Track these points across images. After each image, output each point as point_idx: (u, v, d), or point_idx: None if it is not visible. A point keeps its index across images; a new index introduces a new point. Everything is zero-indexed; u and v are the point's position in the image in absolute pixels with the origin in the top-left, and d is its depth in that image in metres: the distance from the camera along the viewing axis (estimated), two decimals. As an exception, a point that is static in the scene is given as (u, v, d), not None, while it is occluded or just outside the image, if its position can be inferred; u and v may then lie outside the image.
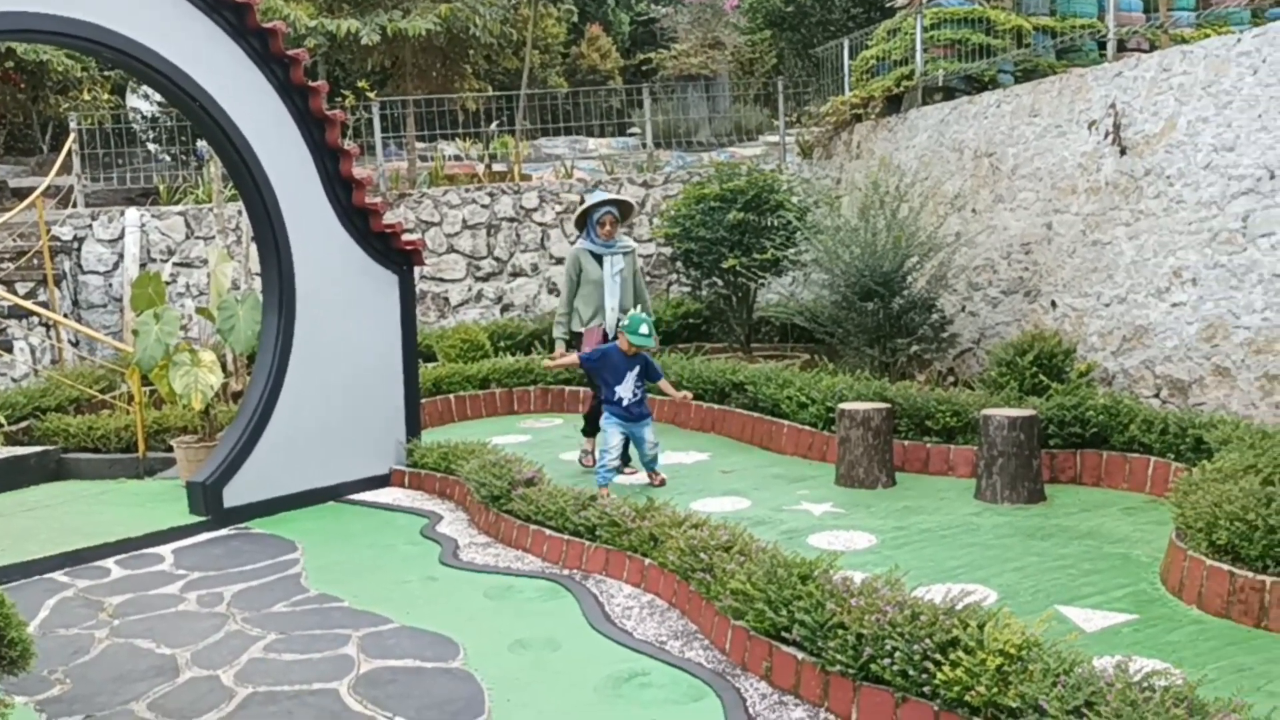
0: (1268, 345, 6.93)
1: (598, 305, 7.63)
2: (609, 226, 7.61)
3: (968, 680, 3.51)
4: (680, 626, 4.86)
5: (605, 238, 7.62)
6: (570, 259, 7.74)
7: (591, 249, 7.65)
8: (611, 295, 7.61)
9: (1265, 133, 6.92)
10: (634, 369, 7.05)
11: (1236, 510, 4.57)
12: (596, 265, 7.62)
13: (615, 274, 7.61)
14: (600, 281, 7.59)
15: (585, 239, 7.74)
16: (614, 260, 7.63)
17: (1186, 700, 3.09)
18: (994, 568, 5.34)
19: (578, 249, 7.74)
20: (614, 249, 7.66)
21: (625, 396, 7.00)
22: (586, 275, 7.63)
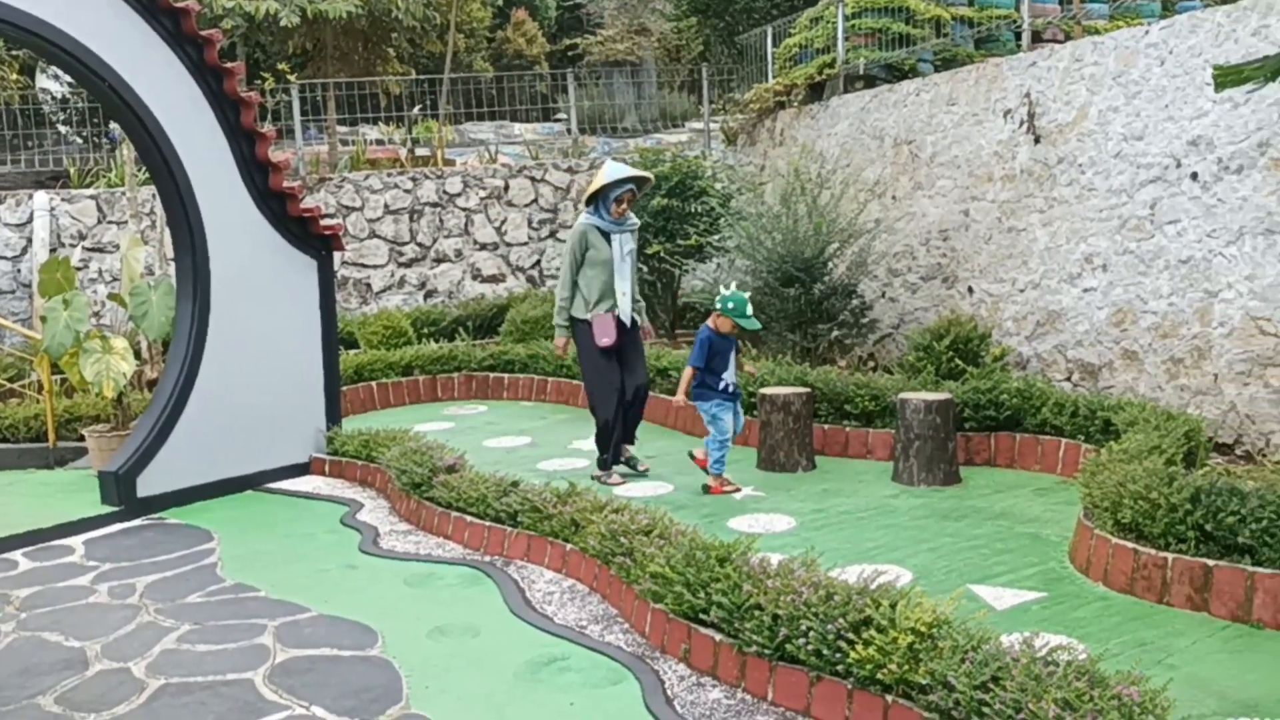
0: (1173, 330, 7.13)
1: (606, 289, 6.89)
2: (625, 204, 6.91)
3: (880, 658, 3.57)
4: (601, 611, 4.88)
5: (619, 216, 6.90)
6: (576, 236, 6.94)
7: (600, 225, 6.90)
8: (623, 277, 6.90)
9: (1172, 122, 7.11)
10: (732, 349, 6.66)
11: (1140, 490, 4.71)
12: (606, 244, 6.88)
13: (625, 254, 6.92)
14: (609, 262, 6.87)
15: (593, 214, 6.95)
16: (624, 239, 6.94)
17: (1088, 673, 3.18)
18: (909, 548, 5.44)
19: (584, 225, 6.94)
20: (624, 227, 6.97)
21: (731, 380, 6.60)
22: (594, 255, 6.88)
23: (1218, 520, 4.45)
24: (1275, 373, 6.41)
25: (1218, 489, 4.53)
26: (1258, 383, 6.55)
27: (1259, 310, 6.49)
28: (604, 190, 6.88)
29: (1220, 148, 6.76)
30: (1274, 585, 4.27)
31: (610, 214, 6.86)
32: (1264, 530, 4.33)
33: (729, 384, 6.57)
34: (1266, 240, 6.47)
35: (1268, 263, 6.46)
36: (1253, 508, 4.39)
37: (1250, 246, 6.58)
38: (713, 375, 6.54)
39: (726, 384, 6.56)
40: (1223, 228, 6.76)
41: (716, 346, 6.49)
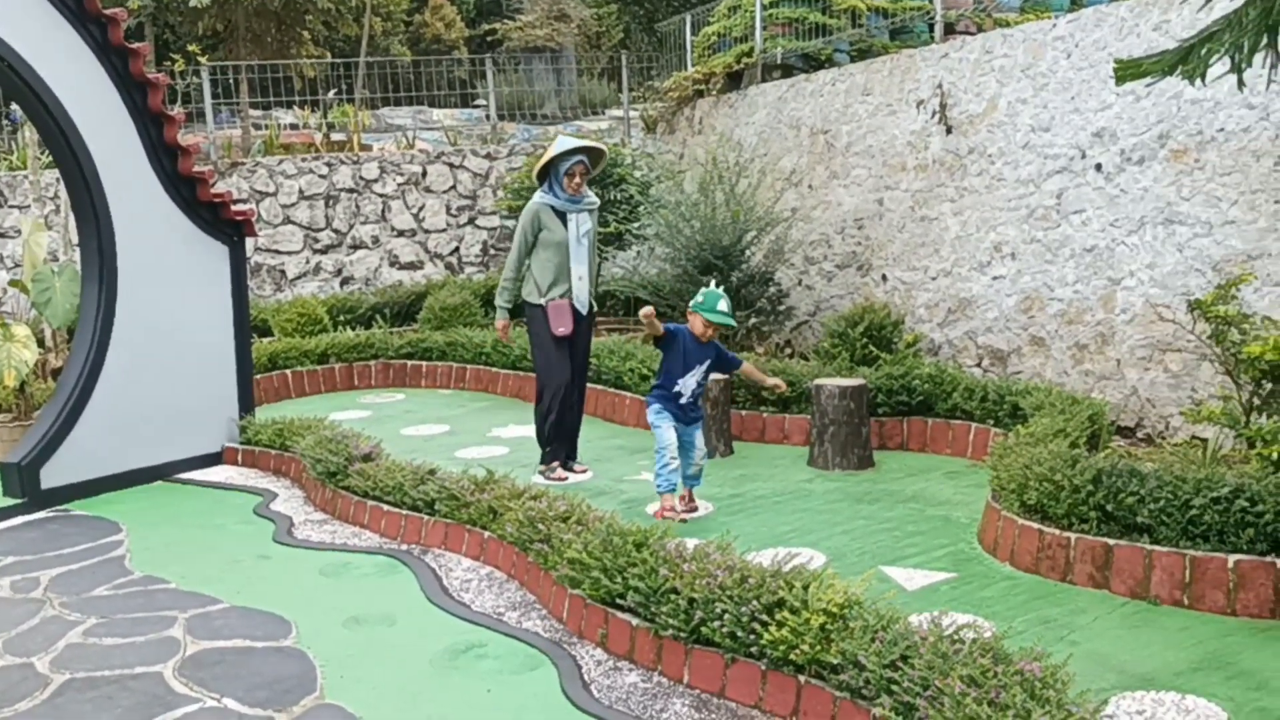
0: (1078, 316, 7.33)
1: (560, 272, 6.51)
2: (578, 179, 6.47)
3: (792, 639, 3.63)
4: (519, 597, 4.88)
5: (573, 192, 6.49)
6: (528, 216, 6.56)
7: (554, 204, 6.52)
8: (579, 261, 6.53)
9: (1077, 114, 7.30)
10: (705, 360, 5.83)
11: (1045, 472, 4.84)
12: (560, 224, 6.51)
13: (583, 235, 6.53)
14: (564, 244, 6.48)
15: (546, 193, 6.56)
16: (580, 219, 6.54)
17: (992, 651, 3.27)
18: (824, 531, 5.53)
19: (537, 204, 6.55)
20: (580, 205, 6.56)
21: (685, 392, 5.77)
22: (547, 236, 6.49)
23: (1118, 501, 4.59)
24: (1174, 358, 6.63)
25: (1118, 471, 4.68)
26: (1157, 367, 6.77)
27: (1158, 297, 6.70)
28: (554, 165, 6.52)
29: (1123, 139, 6.96)
30: (1170, 563, 4.42)
31: (565, 190, 6.47)
32: (1161, 510, 4.48)
33: (681, 393, 5.77)
34: (1166, 230, 6.68)
35: (1167, 251, 6.67)
36: (1151, 488, 4.54)
37: (1151, 236, 6.78)
38: (665, 375, 5.82)
39: (680, 393, 5.77)
40: (1125, 217, 6.96)
41: (681, 342, 5.78)
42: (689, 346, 5.77)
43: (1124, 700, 3.63)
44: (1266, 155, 6.09)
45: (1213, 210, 6.41)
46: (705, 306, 5.72)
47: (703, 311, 5.72)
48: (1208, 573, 4.35)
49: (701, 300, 5.75)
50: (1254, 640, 4.06)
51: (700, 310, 5.74)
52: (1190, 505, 4.42)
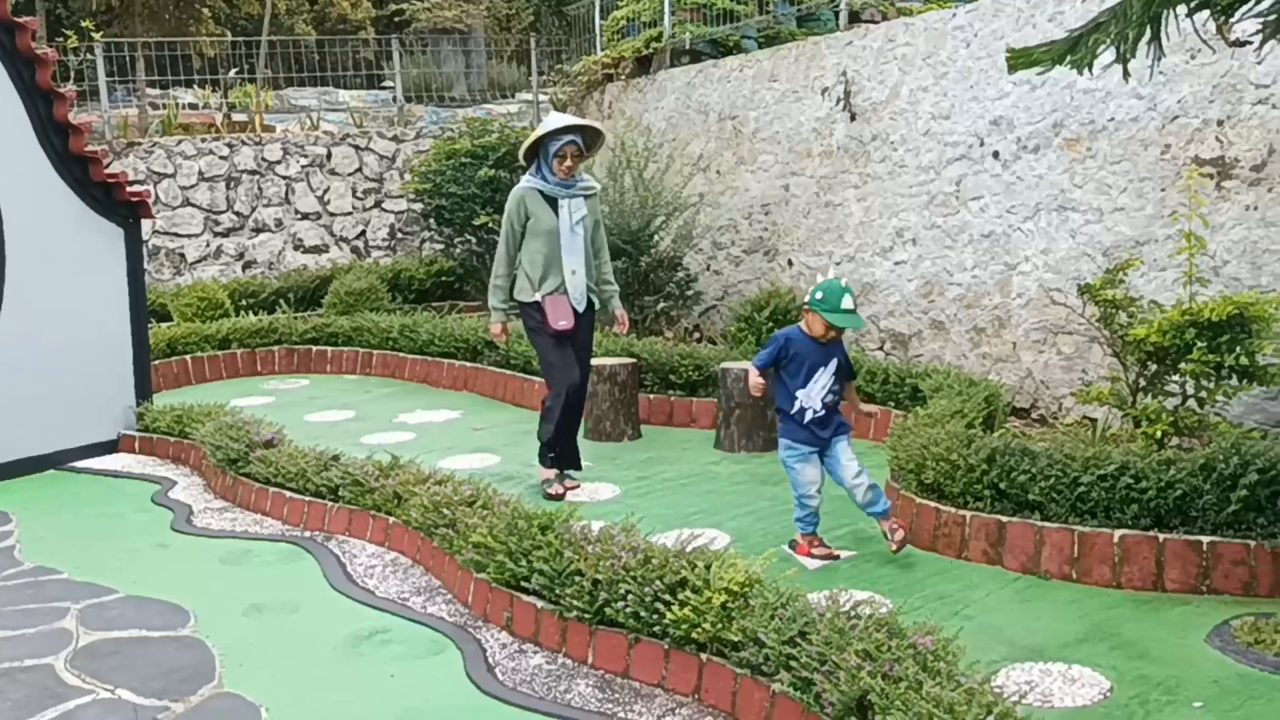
0: (976, 300, 7.51)
1: (552, 265, 5.88)
2: (570, 161, 5.84)
3: (694, 618, 3.68)
4: (424, 583, 4.86)
5: (563, 175, 5.86)
6: (513, 202, 5.93)
7: (543, 189, 5.89)
8: (571, 252, 5.89)
9: (976, 102, 7.46)
10: (830, 362, 4.82)
11: (942, 452, 4.96)
12: (550, 211, 5.87)
13: (576, 223, 5.90)
14: (555, 233, 5.85)
15: (534, 176, 5.95)
16: (573, 205, 5.90)
17: (887, 625, 3.35)
18: (729, 513, 5.60)
19: (523, 188, 5.94)
20: (573, 189, 5.93)
21: (811, 406, 4.79)
22: (536, 224, 5.86)
23: (1011, 479, 4.73)
24: (1066, 341, 6.84)
25: (1011, 450, 4.82)
26: (1051, 350, 6.98)
27: (1052, 282, 6.90)
28: (542, 145, 5.90)
29: (1019, 128, 7.14)
30: (1060, 539, 4.57)
31: (555, 173, 5.85)
32: (1051, 487, 4.63)
33: (808, 409, 4.79)
34: (1060, 216, 6.88)
35: (1060, 237, 6.87)
36: (1042, 466, 4.68)
37: (1045, 222, 6.98)
38: (783, 391, 4.87)
39: (804, 410, 4.79)
40: (1021, 204, 7.14)
41: (797, 350, 4.79)
42: (804, 350, 4.79)
43: (1013, 671, 3.75)
44: (1154, 144, 6.30)
45: (1103, 197, 6.61)
46: (826, 305, 4.71)
47: (823, 311, 4.71)
48: (1094, 548, 4.51)
49: (821, 297, 4.72)
50: (1137, 612, 4.22)
51: (820, 309, 4.72)
52: (1079, 483, 4.57)
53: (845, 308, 4.68)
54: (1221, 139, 5.95)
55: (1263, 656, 3.76)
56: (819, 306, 4.72)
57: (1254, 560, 4.32)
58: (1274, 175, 5.70)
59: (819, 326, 4.75)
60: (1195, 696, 3.52)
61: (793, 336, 4.83)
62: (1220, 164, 5.95)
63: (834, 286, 4.71)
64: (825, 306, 4.71)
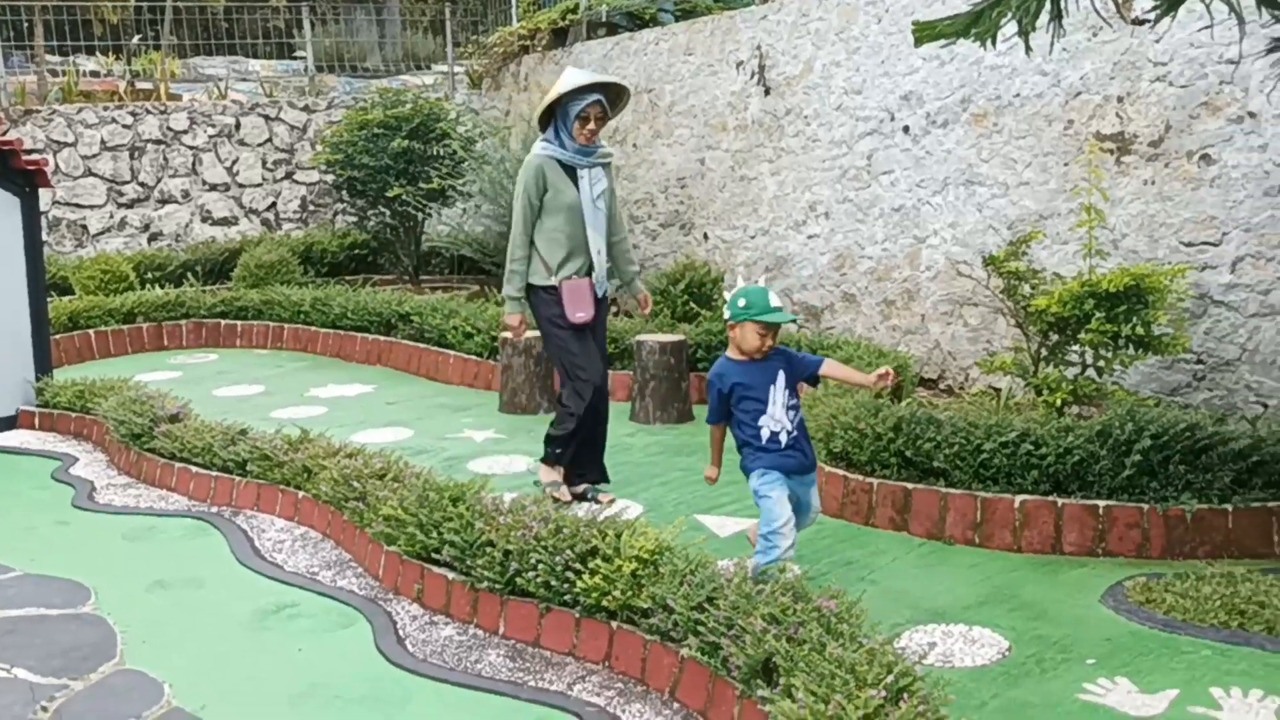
0: (886, 273, 7.63)
1: (575, 244, 5.18)
2: (593, 124, 5.11)
3: (605, 586, 3.70)
4: (334, 556, 4.81)
5: (585, 141, 5.15)
6: (528, 174, 5.18)
7: (561, 158, 5.17)
8: (597, 229, 5.20)
9: (887, 78, 7.55)
10: (777, 376, 4.13)
11: (850, 421, 5.04)
12: (570, 183, 5.17)
13: (598, 196, 5.22)
14: (576, 207, 5.15)
15: (550, 142, 5.21)
16: (593, 175, 5.21)
17: (793, 590, 3.41)
18: (642, 483, 5.63)
19: (539, 157, 5.19)
20: (593, 158, 5.23)
21: (783, 427, 4.10)
22: (555, 199, 5.15)
23: (916, 447, 4.83)
24: (973, 312, 6.98)
25: (917, 418, 4.91)
26: (958, 322, 7.11)
27: (959, 255, 7.03)
28: (561, 106, 5.13)
29: (929, 103, 7.24)
30: (963, 504, 4.68)
31: (574, 139, 5.14)
32: (955, 455, 4.73)
33: (780, 431, 4.10)
34: (967, 190, 7.00)
35: (968, 211, 7.00)
36: (946, 435, 4.78)
37: (953, 196, 7.10)
38: (746, 422, 4.12)
39: (776, 433, 4.09)
40: (930, 178, 7.26)
41: (738, 380, 4.13)
42: (745, 377, 4.12)
43: (916, 633, 3.84)
44: (1057, 120, 6.44)
45: (1009, 172, 6.75)
46: (755, 309, 4.06)
47: (755, 317, 4.06)
48: (996, 513, 4.63)
49: (745, 304, 4.08)
50: (1036, 574, 4.35)
51: (749, 317, 4.07)
52: (981, 450, 4.68)
53: (775, 305, 4.10)
54: (1121, 115, 6.10)
55: (1153, 615, 3.90)
56: (746, 315, 4.08)
57: (1147, 523, 4.47)
58: (1170, 151, 5.86)
59: (752, 339, 4.09)
60: (1089, 654, 3.64)
61: (726, 371, 4.17)
62: (1120, 139, 6.10)
63: (753, 291, 4.12)
64: (754, 312, 4.07)
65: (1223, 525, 4.41)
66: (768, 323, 4.07)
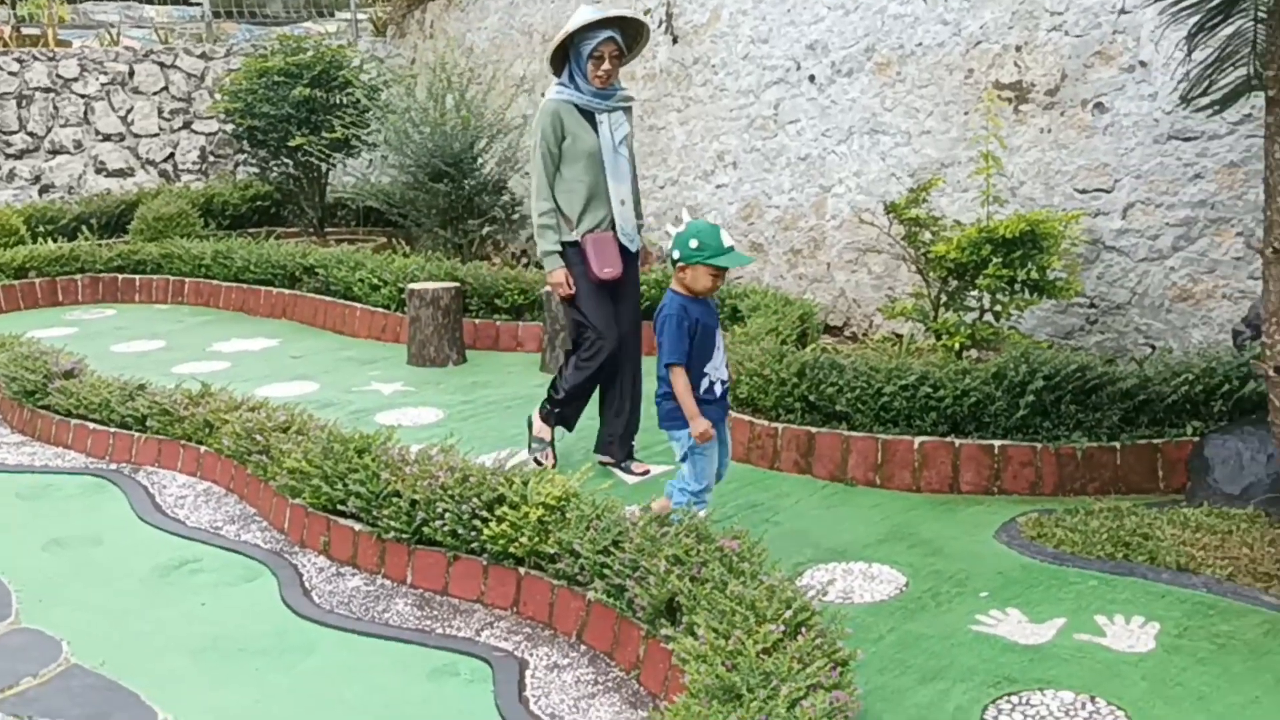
0: (793, 222, 7.70)
1: (594, 194, 4.81)
2: (609, 63, 4.70)
3: (512, 533, 3.73)
4: (238, 511, 4.75)
5: (601, 83, 4.74)
6: (544, 119, 4.80)
7: (577, 101, 4.78)
8: (618, 178, 4.83)
9: (793, 26, 7.57)
10: (717, 324, 4.01)
11: (755, 367, 5.11)
12: (588, 128, 4.79)
13: (620, 143, 4.84)
14: (596, 154, 4.78)
15: (565, 86, 4.81)
16: (614, 120, 4.83)
17: (697, 531, 3.46)
18: (552, 433, 5.63)
19: (556, 102, 4.80)
20: (612, 101, 4.84)
21: (720, 377, 3.95)
22: (574, 146, 4.78)
23: (820, 391, 4.91)
24: (876, 260, 7.09)
25: (820, 364, 5.00)
26: (862, 270, 7.22)
27: (863, 203, 7.12)
28: (574, 46, 4.73)
29: (834, 52, 7.29)
30: (864, 446, 4.79)
31: (590, 81, 4.74)
32: (857, 399, 4.83)
33: (717, 380, 3.95)
34: (871, 139, 7.08)
35: (872, 160, 7.08)
36: (849, 379, 4.88)
37: (858, 145, 7.18)
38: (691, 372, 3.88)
39: (713, 382, 3.93)
40: (835, 127, 7.32)
41: (696, 317, 3.85)
42: (701, 315, 3.86)
43: (818, 571, 3.94)
44: (958, 69, 6.53)
45: (912, 121, 6.83)
46: (709, 251, 3.77)
47: (708, 260, 3.78)
48: (896, 454, 4.74)
49: (698, 245, 3.77)
50: (934, 513, 4.47)
51: (702, 259, 3.78)
52: (882, 393, 4.78)
53: (728, 245, 3.82)
54: (1019, 64, 6.21)
55: (1044, 549, 4.05)
56: (698, 256, 3.77)
57: (1040, 461, 4.62)
58: (1066, 100, 5.99)
59: (704, 281, 3.82)
60: (982, 587, 3.77)
61: (686, 305, 3.84)
62: (1018, 88, 6.22)
63: (705, 228, 3.82)
64: (709, 253, 3.77)
65: (1111, 462, 4.58)
66: (716, 267, 3.80)
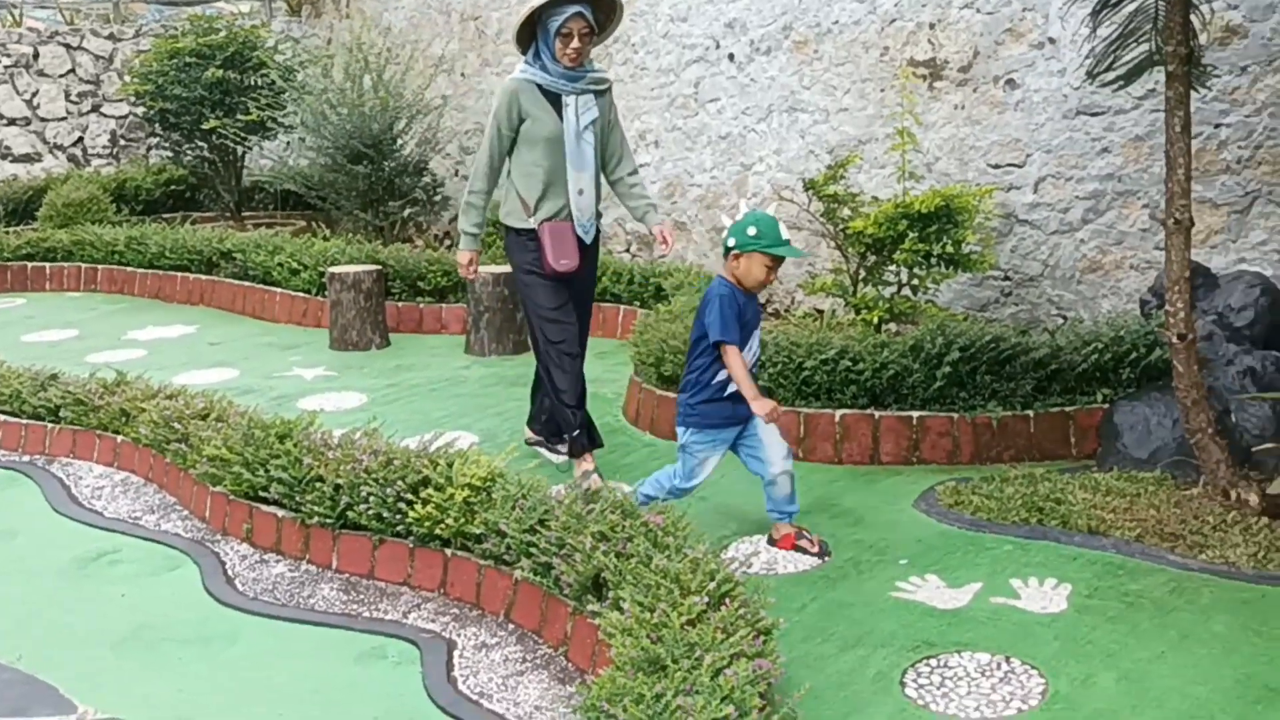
0: (715, 201, 7.75)
1: (552, 181, 4.51)
2: (578, 41, 4.36)
3: (438, 515, 3.72)
4: (157, 500, 4.68)
5: (570, 63, 4.41)
6: (504, 100, 4.49)
7: (541, 82, 4.45)
8: (579, 166, 4.50)
9: (711, 5, 7.60)
10: (758, 318, 3.97)
11: (680, 345, 5.13)
12: (551, 112, 4.47)
13: (585, 128, 4.50)
14: (557, 140, 4.47)
15: (530, 64, 4.48)
16: (581, 104, 4.49)
17: (622, 507, 3.49)
18: (477, 415, 5.64)
19: (517, 81, 4.48)
20: (581, 83, 4.50)
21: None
22: (533, 129, 4.48)
23: (743, 367, 4.96)
24: (797, 237, 7.13)
25: (743, 340, 5.04)
26: (785, 247, 7.30)
27: (784, 180, 7.19)
28: (541, 21, 4.39)
29: (752, 30, 7.33)
30: (787, 421, 4.79)
31: (555, 60, 4.41)
32: (779, 373, 4.89)
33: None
34: (790, 117, 7.15)
35: (791, 137, 7.15)
36: (770, 354, 4.92)
37: (777, 123, 7.24)
38: (715, 367, 3.85)
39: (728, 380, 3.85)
40: (755, 105, 7.37)
41: (740, 310, 3.81)
42: (745, 310, 3.83)
43: (742, 544, 4.00)
44: (874, 47, 6.61)
45: (829, 99, 6.91)
46: (766, 240, 3.73)
47: (765, 248, 3.73)
48: (818, 427, 4.82)
49: (756, 233, 3.73)
50: (855, 484, 4.56)
51: (760, 247, 3.73)
52: (803, 368, 4.85)
53: (785, 237, 3.78)
54: (933, 41, 6.30)
55: (961, 516, 4.15)
56: (756, 245, 3.73)
57: (957, 431, 4.73)
58: (978, 76, 6.10)
59: (759, 272, 3.77)
60: (902, 555, 3.85)
61: (735, 295, 3.81)
62: (932, 66, 6.32)
63: (764, 218, 3.76)
64: (766, 242, 3.73)
65: (1025, 430, 4.71)
66: (778, 256, 3.77)
